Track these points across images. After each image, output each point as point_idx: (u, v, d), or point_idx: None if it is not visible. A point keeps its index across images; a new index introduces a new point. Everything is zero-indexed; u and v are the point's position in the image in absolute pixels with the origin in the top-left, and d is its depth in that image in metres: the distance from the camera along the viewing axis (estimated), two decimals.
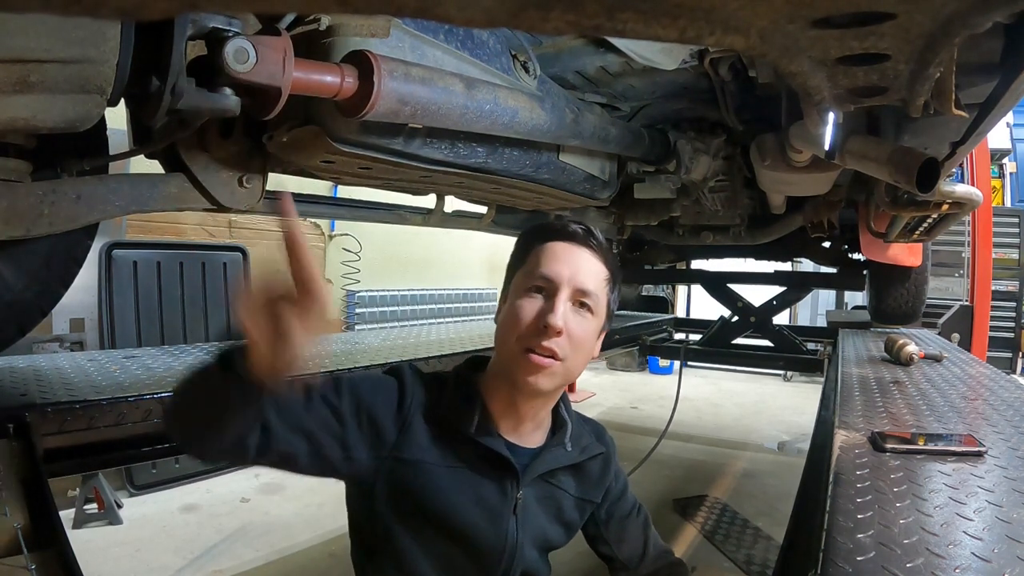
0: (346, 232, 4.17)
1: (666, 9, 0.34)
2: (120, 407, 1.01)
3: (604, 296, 0.83)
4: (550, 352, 0.78)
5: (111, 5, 0.19)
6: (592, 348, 0.85)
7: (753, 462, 3.49)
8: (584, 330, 0.81)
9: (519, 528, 0.84)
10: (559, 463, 0.88)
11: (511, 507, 0.83)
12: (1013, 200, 7.14)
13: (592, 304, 0.81)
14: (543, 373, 0.78)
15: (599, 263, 0.83)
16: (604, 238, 0.85)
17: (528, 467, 0.85)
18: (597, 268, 0.83)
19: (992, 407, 1.20)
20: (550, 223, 0.87)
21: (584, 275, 0.81)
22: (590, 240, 0.83)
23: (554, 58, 1.34)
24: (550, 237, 0.83)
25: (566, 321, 0.78)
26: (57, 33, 0.63)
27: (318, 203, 1.63)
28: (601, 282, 0.83)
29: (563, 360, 0.79)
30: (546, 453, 0.87)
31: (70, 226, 0.86)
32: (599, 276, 0.83)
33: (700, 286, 3.23)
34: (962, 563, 0.56)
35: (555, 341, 0.78)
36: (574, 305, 0.81)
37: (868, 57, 0.56)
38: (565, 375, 0.81)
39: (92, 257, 2.28)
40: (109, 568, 2.13)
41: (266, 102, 0.77)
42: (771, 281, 3.09)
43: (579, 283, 0.80)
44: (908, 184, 0.95)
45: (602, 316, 0.84)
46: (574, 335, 0.79)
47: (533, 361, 0.78)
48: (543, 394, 0.82)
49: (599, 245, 0.84)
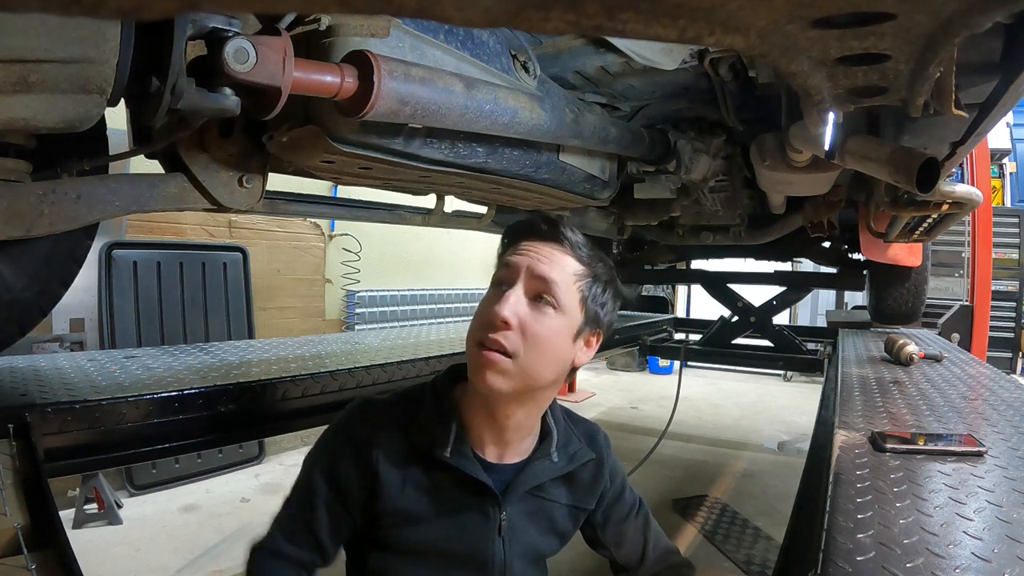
0: (346, 232, 4.17)
1: (666, 9, 0.34)
2: (120, 407, 1.01)
3: (573, 291, 0.77)
4: (498, 346, 0.73)
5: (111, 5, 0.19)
6: (559, 349, 0.77)
7: (753, 462, 3.49)
8: (544, 326, 0.75)
9: (506, 549, 0.81)
10: (544, 477, 0.84)
11: (495, 529, 0.81)
12: (1013, 200, 7.14)
13: (556, 297, 0.75)
14: (493, 370, 0.73)
15: (567, 257, 0.78)
16: (579, 235, 0.80)
17: (511, 485, 0.82)
18: (563, 261, 0.77)
19: (992, 407, 1.20)
20: (521, 220, 0.83)
21: (543, 266, 0.76)
22: (556, 234, 0.78)
23: (554, 58, 1.34)
24: (519, 233, 0.80)
25: (519, 314, 0.74)
26: (57, 33, 0.63)
27: (318, 203, 1.63)
28: (567, 275, 0.77)
29: (514, 356, 0.73)
30: (529, 469, 0.83)
31: (70, 226, 0.86)
32: (565, 269, 0.77)
33: (700, 286, 3.23)
34: (962, 563, 0.56)
35: (503, 334, 0.73)
36: (532, 299, 0.76)
37: (868, 57, 0.56)
38: (521, 375, 0.74)
39: (92, 257, 2.28)
40: (109, 568, 2.13)
41: (266, 102, 0.77)
42: (771, 281, 3.08)
43: (537, 271, 0.75)
44: (908, 184, 0.95)
45: (573, 315, 0.77)
46: (529, 330, 0.74)
47: (482, 356, 0.73)
48: (501, 395, 0.76)
49: (568, 239, 0.78)
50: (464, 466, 0.78)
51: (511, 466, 0.83)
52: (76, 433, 0.97)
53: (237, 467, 3.14)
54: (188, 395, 1.09)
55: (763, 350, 3.11)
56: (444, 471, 0.79)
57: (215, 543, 2.32)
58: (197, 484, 2.92)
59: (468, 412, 0.82)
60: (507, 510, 0.81)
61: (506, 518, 0.81)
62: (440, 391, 0.83)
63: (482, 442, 0.82)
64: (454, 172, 1.17)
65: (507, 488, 0.82)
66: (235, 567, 2.15)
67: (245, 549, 0.84)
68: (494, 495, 0.80)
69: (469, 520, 0.80)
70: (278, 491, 2.87)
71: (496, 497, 0.80)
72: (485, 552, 0.80)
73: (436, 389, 0.84)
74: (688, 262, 3.50)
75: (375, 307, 4.38)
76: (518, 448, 0.84)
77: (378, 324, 4.31)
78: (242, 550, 0.85)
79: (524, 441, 0.85)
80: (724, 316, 3.11)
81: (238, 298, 3.25)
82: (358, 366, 1.40)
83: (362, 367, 1.40)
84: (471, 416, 0.81)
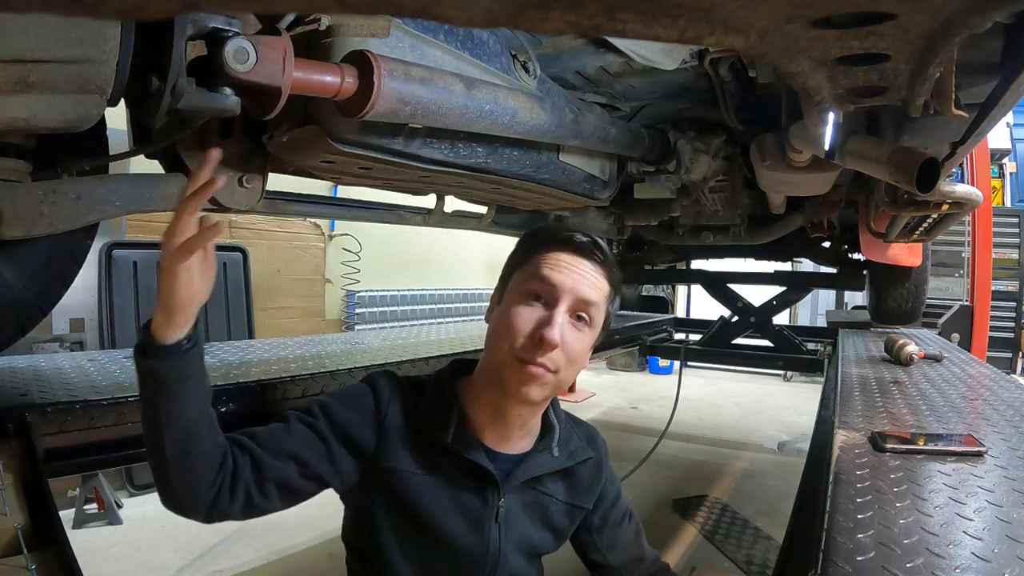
0: (346, 232, 4.18)
1: (666, 9, 0.34)
2: (120, 407, 1.01)
3: (604, 310, 0.82)
4: (545, 366, 0.76)
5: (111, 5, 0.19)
6: (586, 360, 0.83)
7: (753, 462, 3.49)
8: (581, 343, 0.80)
9: (502, 536, 0.83)
10: (544, 469, 0.86)
11: (493, 515, 0.82)
12: (1013, 200, 7.14)
13: (591, 317, 0.80)
14: (535, 384, 0.77)
15: (602, 277, 0.81)
16: (609, 251, 0.84)
17: (511, 474, 0.83)
18: (600, 282, 0.81)
19: (992, 407, 1.20)
20: (556, 229, 0.86)
21: (587, 288, 0.79)
22: (595, 253, 0.81)
23: (554, 58, 1.34)
24: (556, 244, 0.81)
25: (563, 335, 0.77)
26: (57, 33, 0.63)
27: (318, 203, 1.63)
28: (603, 296, 0.81)
29: (556, 372, 0.78)
30: (530, 459, 0.85)
31: (70, 226, 0.86)
32: (601, 290, 0.81)
33: (700, 286, 3.23)
34: (962, 563, 0.55)
35: (550, 356, 0.76)
36: (572, 317, 0.79)
37: (868, 57, 0.56)
38: (556, 386, 0.80)
39: (92, 257, 2.28)
40: (109, 568, 2.13)
41: (266, 102, 0.77)
42: (771, 281, 3.08)
43: (581, 295, 0.78)
44: (908, 184, 0.95)
45: (599, 329, 0.83)
46: (569, 349, 0.78)
47: (527, 371, 0.76)
48: (533, 403, 0.81)
49: (604, 258, 0.82)
50: (467, 451, 0.80)
51: (511, 456, 0.85)
52: (76, 433, 0.97)
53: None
54: None
55: (763, 350, 3.11)
56: (446, 455, 0.81)
57: (215, 543, 2.32)
58: None
59: (470, 405, 0.83)
60: (505, 498, 0.83)
61: (504, 505, 0.83)
62: (443, 383, 0.85)
63: (483, 435, 0.84)
64: (454, 172, 1.17)
65: (506, 477, 0.83)
66: (235, 567, 2.16)
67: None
68: (494, 481, 0.81)
69: (468, 503, 0.81)
70: None
71: (496, 483, 0.82)
72: (481, 537, 0.81)
73: (440, 381, 0.86)
74: (688, 262, 3.50)
75: (375, 307, 4.38)
76: (517, 444, 0.86)
77: (378, 324, 4.31)
78: (242, 550, 0.85)
79: (523, 439, 0.86)
80: (724, 316, 3.11)
81: (238, 298, 3.25)
82: (358, 366, 1.40)
83: (362, 367, 1.40)
84: (474, 409, 0.83)
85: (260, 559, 2.21)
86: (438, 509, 0.80)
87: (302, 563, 2.22)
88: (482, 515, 0.82)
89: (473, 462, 0.80)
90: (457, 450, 0.80)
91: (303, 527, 2.45)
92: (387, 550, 0.80)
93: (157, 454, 0.69)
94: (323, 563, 2.21)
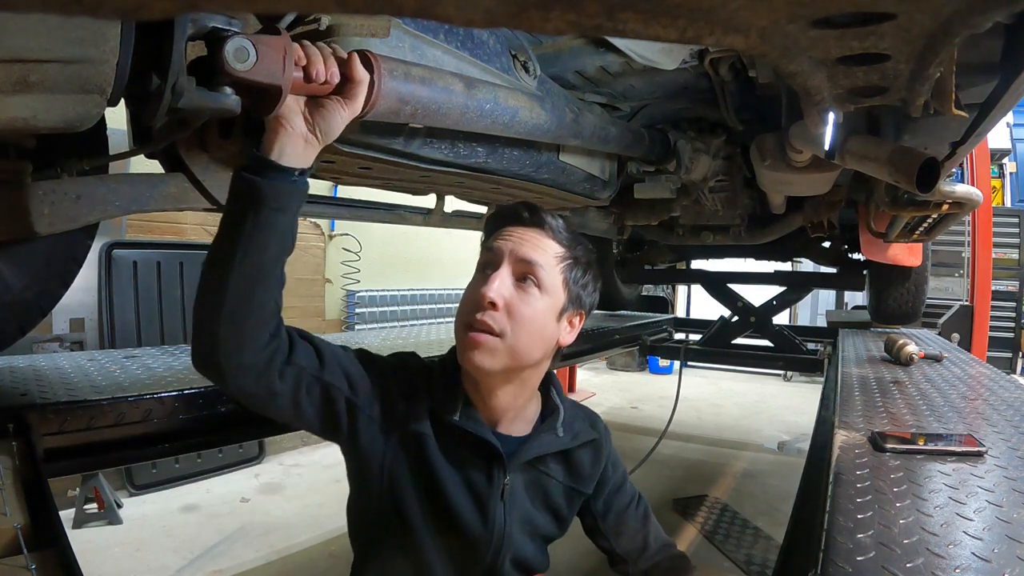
0: (346, 232, 4.17)
1: (666, 9, 0.34)
2: (120, 407, 1.01)
3: (557, 273, 0.82)
4: (485, 326, 0.77)
5: (111, 5, 0.19)
6: (544, 328, 0.81)
7: (753, 462, 3.49)
8: (529, 306, 0.79)
9: (507, 514, 0.84)
10: (549, 449, 0.88)
11: (498, 493, 0.83)
12: (1013, 200, 7.13)
13: (539, 278, 0.80)
14: (480, 349, 0.77)
15: (549, 239, 0.83)
16: (559, 220, 0.85)
17: (515, 453, 0.85)
18: (545, 244, 0.82)
19: (992, 407, 1.20)
20: (502, 207, 0.88)
21: (527, 248, 0.80)
22: (537, 218, 0.83)
23: (554, 58, 1.34)
24: (503, 219, 0.85)
25: (505, 295, 0.78)
26: (57, 33, 0.63)
27: (318, 203, 1.63)
28: (550, 257, 0.81)
29: (502, 335, 0.77)
30: (535, 439, 0.87)
31: (70, 226, 0.86)
32: (547, 251, 0.82)
33: (700, 286, 3.23)
34: (962, 563, 0.56)
35: (490, 315, 0.77)
36: (518, 279, 0.80)
37: (868, 57, 0.56)
38: (509, 353, 0.78)
39: (92, 257, 2.28)
40: (109, 568, 2.13)
41: (266, 101, 0.77)
42: (771, 281, 3.08)
43: (520, 254, 0.80)
44: (908, 184, 0.95)
45: (556, 295, 0.82)
46: (515, 309, 0.78)
47: (469, 337, 0.77)
48: (488, 374, 0.80)
49: (549, 224, 0.83)
50: (474, 428, 0.82)
51: (515, 438, 0.87)
52: (76, 433, 0.97)
53: (237, 467, 3.14)
54: (188, 395, 1.09)
55: (763, 350, 3.11)
56: (454, 434, 0.82)
57: (215, 543, 2.32)
58: (197, 484, 2.92)
59: (468, 389, 0.86)
60: (510, 476, 0.84)
61: (508, 482, 0.84)
62: (447, 367, 0.87)
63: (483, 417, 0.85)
64: (454, 172, 1.17)
65: (512, 456, 0.84)
66: (235, 567, 2.16)
67: None
68: (500, 458, 0.83)
69: (475, 479, 0.83)
70: (278, 491, 2.87)
71: (502, 460, 0.83)
72: (487, 513, 0.83)
73: (444, 365, 0.88)
74: (688, 262, 3.50)
75: (375, 307, 4.38)
76: (516, 427, 0.87)
77: (378, 324, 4.31)
78: (242, 550, 0.85)
79: (521, 422, 0.88)
80: (724, 316, 3.11)
81: None
82: None
83: None
84: (470, 392, 0.85)
85: (260, 559, 2.21)
86: (448, 480, 0.81)
87: (302, 563, 2.22)
88: (488, 492, 0.83)
89: (481, 438, 0.81)
90: (466, 427, 0.82)
91: (303, 527, 2.45)
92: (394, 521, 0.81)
93: (216, 292, 0.66)
94: (324, 563, 2.21)
